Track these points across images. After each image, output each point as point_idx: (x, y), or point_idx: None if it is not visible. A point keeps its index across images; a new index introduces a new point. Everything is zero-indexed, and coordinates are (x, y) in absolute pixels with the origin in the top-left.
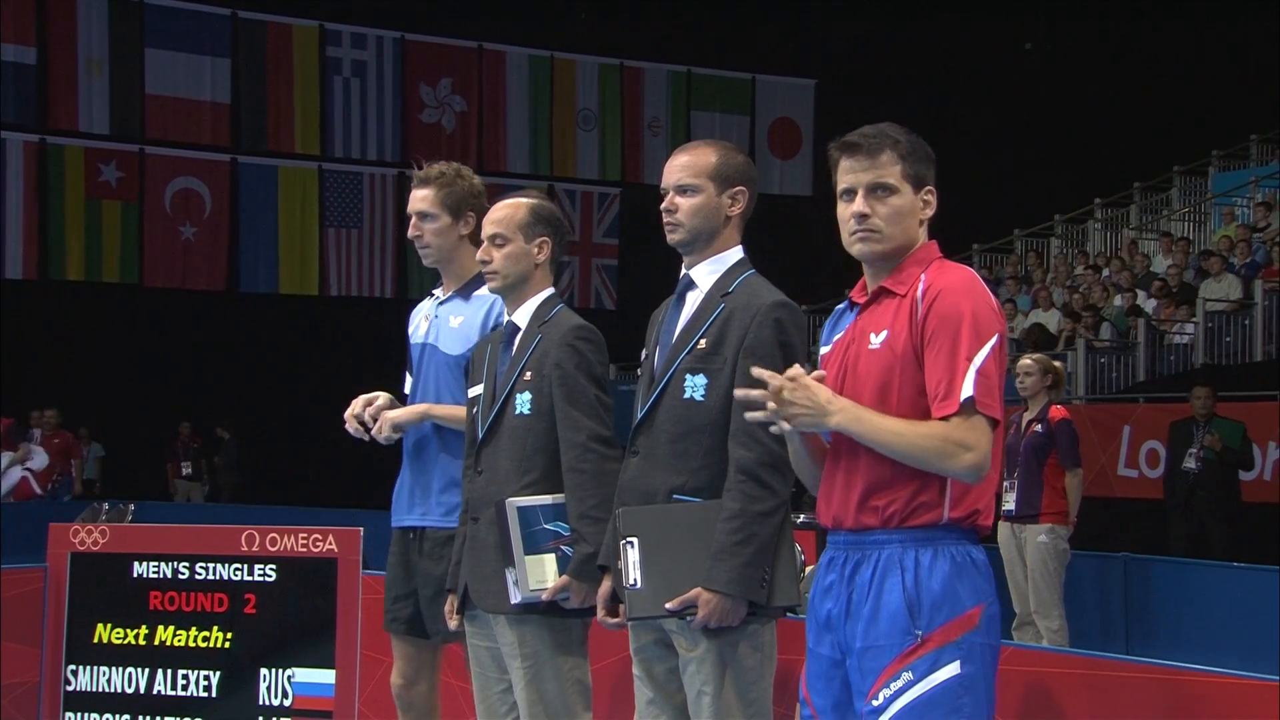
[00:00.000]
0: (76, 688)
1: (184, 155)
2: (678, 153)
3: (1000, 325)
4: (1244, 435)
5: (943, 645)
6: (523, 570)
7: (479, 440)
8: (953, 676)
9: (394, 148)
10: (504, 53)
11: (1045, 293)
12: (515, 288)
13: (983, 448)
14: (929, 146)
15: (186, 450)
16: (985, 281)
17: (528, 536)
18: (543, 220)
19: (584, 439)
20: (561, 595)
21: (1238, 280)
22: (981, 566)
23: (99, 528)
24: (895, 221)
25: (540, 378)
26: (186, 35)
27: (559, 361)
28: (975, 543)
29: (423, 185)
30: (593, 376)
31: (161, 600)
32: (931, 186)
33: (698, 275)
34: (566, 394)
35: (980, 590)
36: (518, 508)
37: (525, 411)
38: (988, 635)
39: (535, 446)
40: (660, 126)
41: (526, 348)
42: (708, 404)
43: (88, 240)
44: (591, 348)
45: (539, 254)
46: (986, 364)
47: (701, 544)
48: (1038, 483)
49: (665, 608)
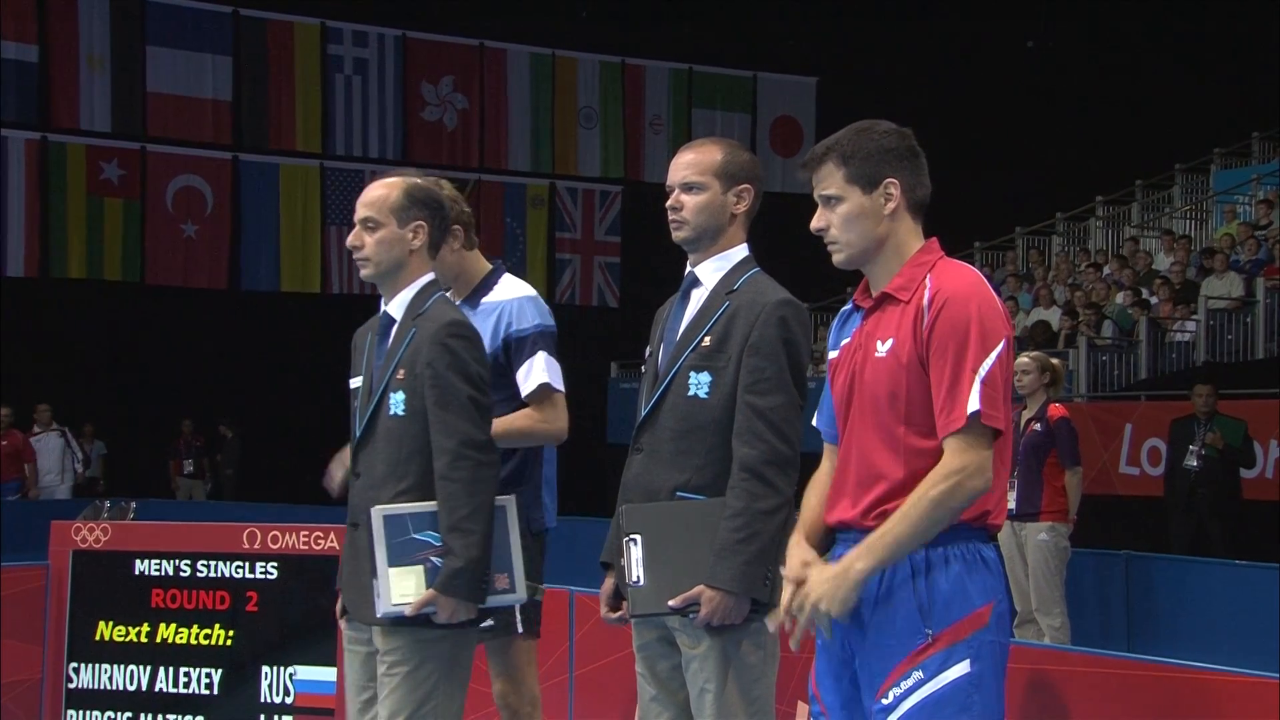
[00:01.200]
0: (78, 685)
1: (185, 153)
2: (683, 150)
3: (1007, 329)
4: (1245, 433)
5: (953, 644)
6: (385, 582)
7: (357, 440)
8: (963, 675)
9: (396, 146)
10: (505, 50)
11: (1046, 291)
12: (389, 275)
13: (982, 462)
14: (893, 139)
15: (188, 448)
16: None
17: (394, 547)
18: (418, 202)
19: (455, 445)
20: (429, 609)
21: (1239, 278)
22: (992, 565)
23: (101, 525)
24: (849, 228)
25: (413, 377)
26: (188, 33)
27: (430, 361)
28: (985, 541)
29: None
30: (467, 376)
31: (163, 598)
32: (892, 179)
33: (703, 273)
34: (438, 396)
35: (990, 588)
36: (384, 516)
37: (399, 412)
38: (998, 633)
39: (410, 450)
40: (662, 124)
41: (400, 343)
42: (711, 401)
43: (89, 238)
44: (465, 345)
45: (414, 239)
46: (992, 373)
47: (705, 541)
48: (1037, 481)
49: (668, 605)
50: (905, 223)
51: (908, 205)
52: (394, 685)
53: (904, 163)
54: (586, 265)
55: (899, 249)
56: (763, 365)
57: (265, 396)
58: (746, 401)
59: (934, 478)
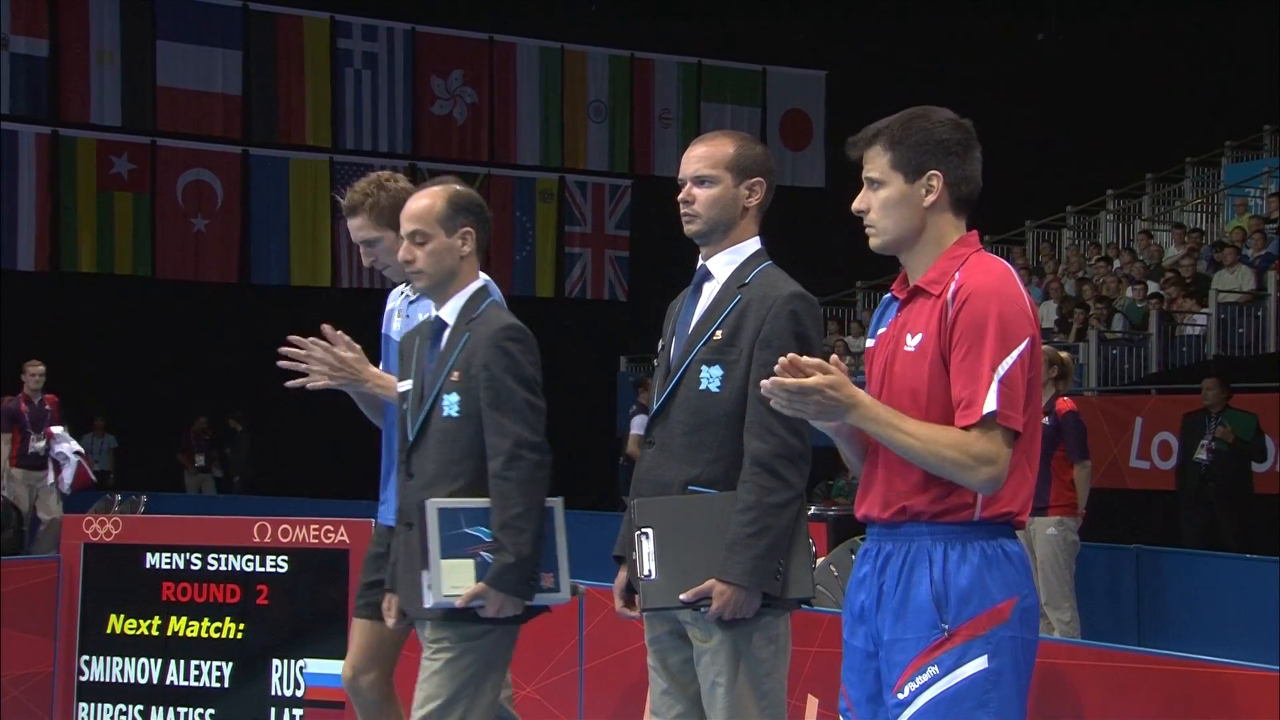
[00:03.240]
0: (90, 678)
1: (195, 147)
2: (695, 143)
3: (1032, 328)
4: (1256, 427)
5: (970, 639)
6: (437, 573)
7: (409, 443)
8: (980, 671)
9: (405, 140)
10: (515, 44)
11: (1057, 284)
12: (443, 285)
13: (1001, 461)
14: (946, 130)
15: (199, 442)
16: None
17: (446, 540)
18: (463, 209)
19: (510, 445)
20: (477, 603)
21: (1250, 271)
22: (1016, 559)
23: (112, 519)
24: (886, 214)
25: (468, 379)
26: (197, 27)
27: (486, 364)
28: (1010, 536)
29: (352, 214)
30: (522, 379)
31: (174, 591)
32: (936, 171)
33: (715, 266)
34: (493, 398)
35: (1013, 584)
36: (438, 509)
37: (453, 414)
38: (1020, 629)
39: (464, 450)
40: (671, 118)
41: (454, 346)
42: (723, 395)
43: (99, 232)
44: (521, 348)
45: (464, 246)
46: (1012, 372)
47: (716, 535)
48: (1046, 475)
49: (680, 599)
50: (946, 216)
51: (950, 199)
52: (433, 671)
53: (952, 156)
54: (596, 259)
55: (937, 241)
56: (774, 359)
57: (276, 390)
58: (758, 395)
59: (959, 445)
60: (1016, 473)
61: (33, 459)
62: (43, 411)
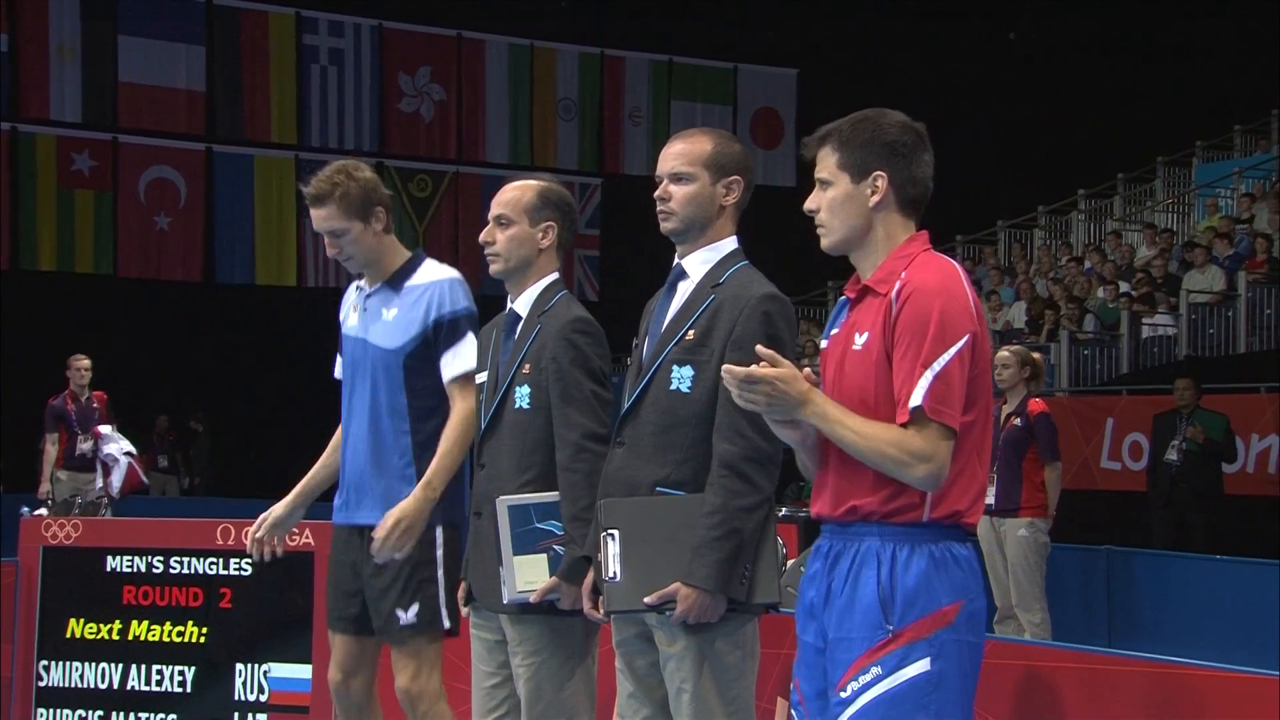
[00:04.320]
0: (49, 683)
1: (158, 144)
2: (674, 140)
3: (973, 325)
4: (1227, 427)
5: (914, 641)
6: (511, 570)
7: (481, 432)
8: (922, 673)
9: (372, 137)
10: (483, 41)
11: (1029, 284)
12: (517, 273)
13: (939, 457)
14: (893, 132)
15: (162, 443)
16: (969, 273)
17: (518, 536)
18: (550, 204)
19: (578, 438)
20: (553, 596)
21: (1221, 271)
22: (964, 562)
23: (72, 521)
24: (834, 213)
25: (538, 371)
26: (160, 22)
27: (555, 356)
28: (960, 539)
29: (319, 204)
30: (589, 372)
31: (136, 595)
32: (881, 172)
33: (690, 265)
34: (562, 390)
35: (960, 587)
36: (508, 506)
37: (524, 405)
38: (965, 633)
39: (534, 442)
40: (641, 116)
41: (526, 338)
42: (694, 396)
43: (60, 230)
44: (589, 340)
45: (543, 239)
46: (948, 369)
47: (683, 538)
48: (1017, 476)
49: (644, 602)
50: (893, 216)
51: (897, 200)
52: (531, 674)
53: (898, 158)
54: (567, 259)
55: (886, 241)
56: (746, 360)
57: (240, 391)
58: (728, 397)
59: (898, 442)
60: (965, 472)
61: (80, 461)
62: (90, 409)
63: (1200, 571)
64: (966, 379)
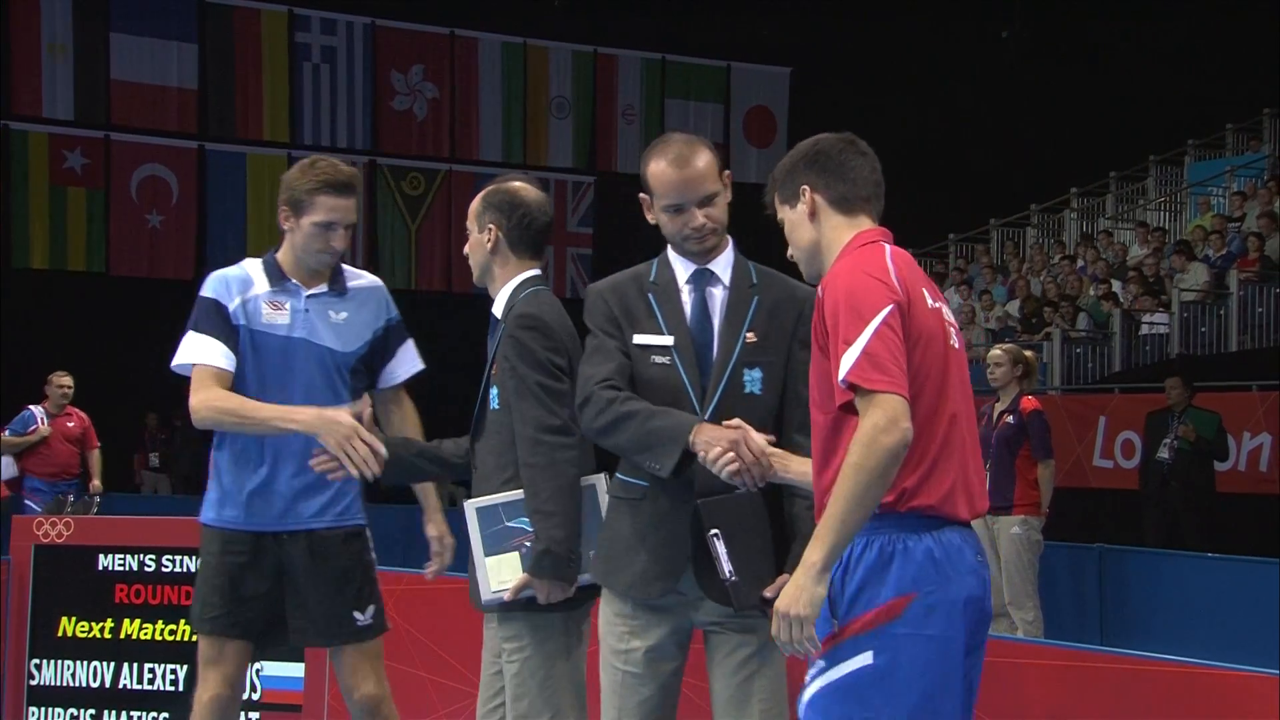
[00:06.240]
0: (40, 682)
1: (150, 142)
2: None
3: (892, 296)
4: (1219, 426)
5: (857, 635)
6: (483, 572)
7: (469, 437)
8: (864, 667)
9: (365, 135)
10: (476, 39)
11: (1023, 282)
12: (485, 278)
13: (885, 419)
14: (805, 148)
15: (153, 441)
16: (959, 271)
17: (489, 537)
18: (491, 206)
19: (532, 431)
20: (526, 593)
21: (1212, 270)
22: (918, 555)
23: (64, 520)
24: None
25: (502, 371)
26: (152, 20)
27: (505, 355)
28: (914, 530)
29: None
30: (536, 363)
31: (127, 593)
32: (804, 184)
33: (719, 269)
34: (513, 387)
35: (910, 581)
36: (476, 509)
37: (496, 406)
38: (919, 627)
39: (508, 440)
40: (634, 114)
41: (495, 340)
42: (765, 396)
43: (52, 228)
44: (533, 335)
45: (489, 242)
46: (872, 343)
47: (769, 530)
48: (1010, 474)
49: (765, 595)
50: (832, 221)
51: (830, 203)
52: (516, 669)
53: (812, 166)
54: (559, 257)
55: (831, 247)
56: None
57: None
58: (801, 394)
59: (851, 446)
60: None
61: None
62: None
63: (1192, 570)
64: (901, 347)
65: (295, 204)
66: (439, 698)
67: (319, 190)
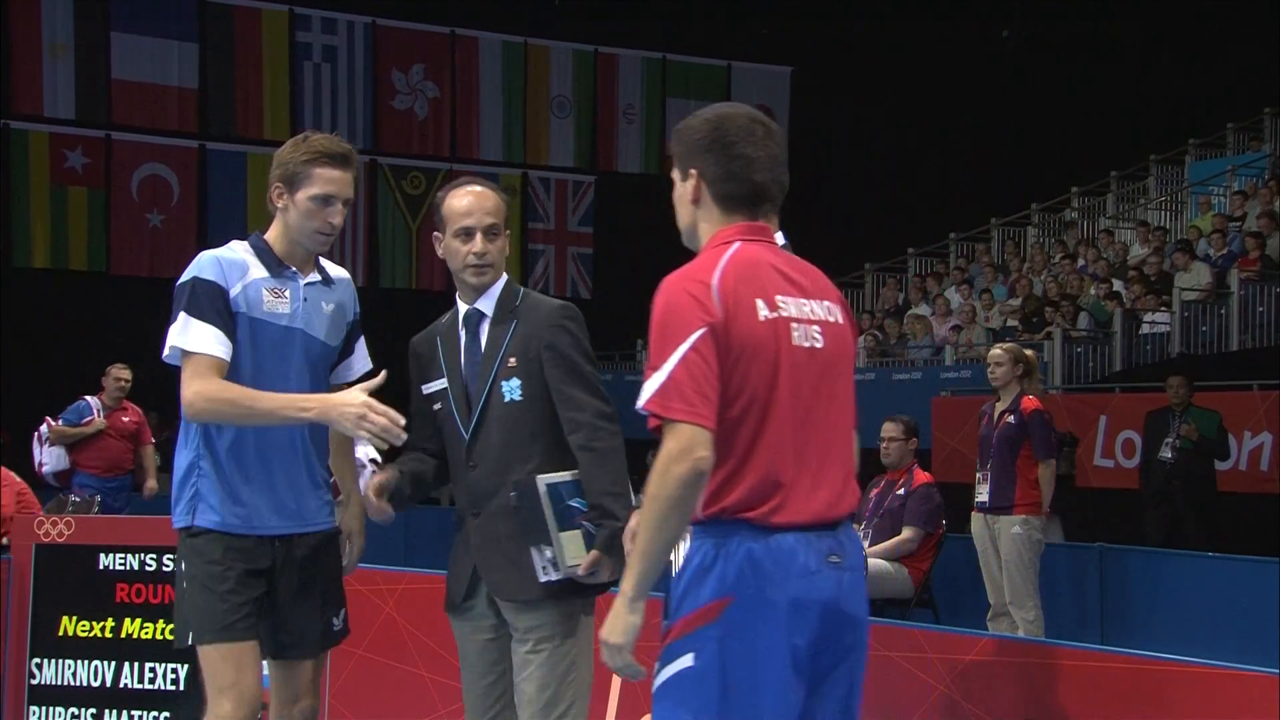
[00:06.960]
0: (41, 681)
1: (151, 141)
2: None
3: (703, 317)
4: (1220, 425)
5: (679, 637)
6: (559, 547)
7: (467, 436)
8: (686, 668)
9: (366, 134)
10: (477, 39)
11: (1024, 282)
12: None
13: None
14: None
15: (155, 440)
16: (960, 270)
17: (559, 513)
18: None
19: (590, 417)
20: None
21: (1212, 269)
22: (736, 558)
23: (65, 519)
24: (677, 211)
25: (528, 361)
26: (153, 19)
27: (551, 343)
28: (739, 535)
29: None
30: (586, 354)
31: (128, 592)
32: (694, 169)
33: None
34: (565, 374)
35: (730, 584)
36: (547, 485)
37: (516, 398)
38: (734, 629)
39: (531, 431)
40: (635, 114)
41: (503, 335)
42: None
43: (53, 227)
44: (579, 325)
45: None
46: (676, 370)
47: None
48: (1010, 474)
49: None
50: (710, 213)
51: (714, 197)
52: (541, 660)
53: (709, 155)
54: (559, 256)
55: (701, 238)
56: None
57: None
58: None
59: (650, 475)
60: (743, 468)
61: None
62: None
63: (1193, 569)
64: (713, 373)
65: (290, 179)
66: (439, 697)
67: (315, 161)
